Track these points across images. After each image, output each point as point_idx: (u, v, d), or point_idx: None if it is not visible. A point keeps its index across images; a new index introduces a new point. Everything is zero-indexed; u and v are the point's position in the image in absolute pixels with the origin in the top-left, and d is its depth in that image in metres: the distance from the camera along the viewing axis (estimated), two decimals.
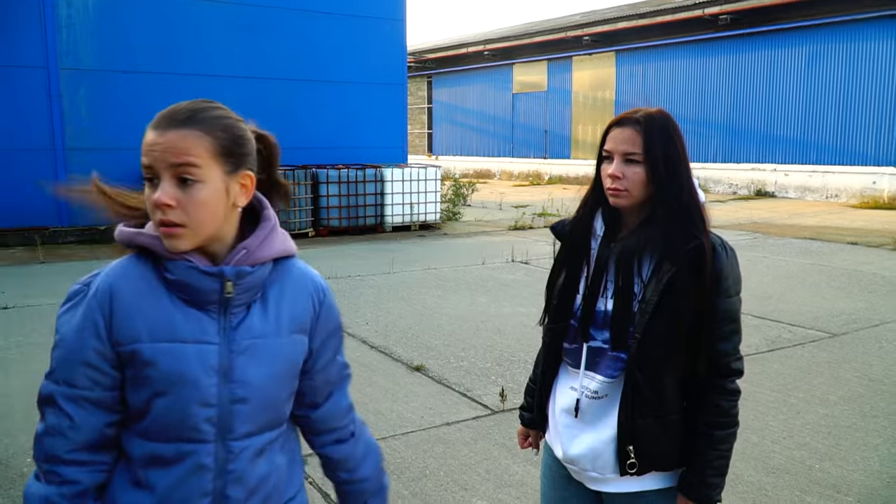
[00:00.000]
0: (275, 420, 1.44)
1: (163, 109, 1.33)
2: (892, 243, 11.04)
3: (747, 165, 20.33)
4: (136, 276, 1.35)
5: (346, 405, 1.60)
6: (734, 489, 3.53)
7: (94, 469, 1.36)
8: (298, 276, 1.47)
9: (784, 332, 6.29)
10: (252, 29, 13.10)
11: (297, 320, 1.44)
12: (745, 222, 14.13)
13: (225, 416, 1.35)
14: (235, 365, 1.35)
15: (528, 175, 27.05)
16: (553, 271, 1.94)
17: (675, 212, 1.72)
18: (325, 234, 12.55)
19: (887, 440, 4.10)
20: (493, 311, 7.03)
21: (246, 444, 1.38)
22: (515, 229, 13.21)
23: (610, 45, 23.74)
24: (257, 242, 1.38)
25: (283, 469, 1.47)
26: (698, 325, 1.70)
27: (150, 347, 1.32)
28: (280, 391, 1.43)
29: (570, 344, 1.84)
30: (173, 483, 1.34)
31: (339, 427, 1.58)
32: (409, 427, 4.27)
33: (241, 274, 1.35)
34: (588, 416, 1.80)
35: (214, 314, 1.35)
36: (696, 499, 1.76)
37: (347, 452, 1.59)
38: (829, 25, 18.13)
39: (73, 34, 11.62)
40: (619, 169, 1.75)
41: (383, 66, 14.54)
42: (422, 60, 31.52)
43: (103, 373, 1.34)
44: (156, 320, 1.33)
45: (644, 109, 1.77)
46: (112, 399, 1.35)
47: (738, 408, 1.78)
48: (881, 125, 17.46)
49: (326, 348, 1.51)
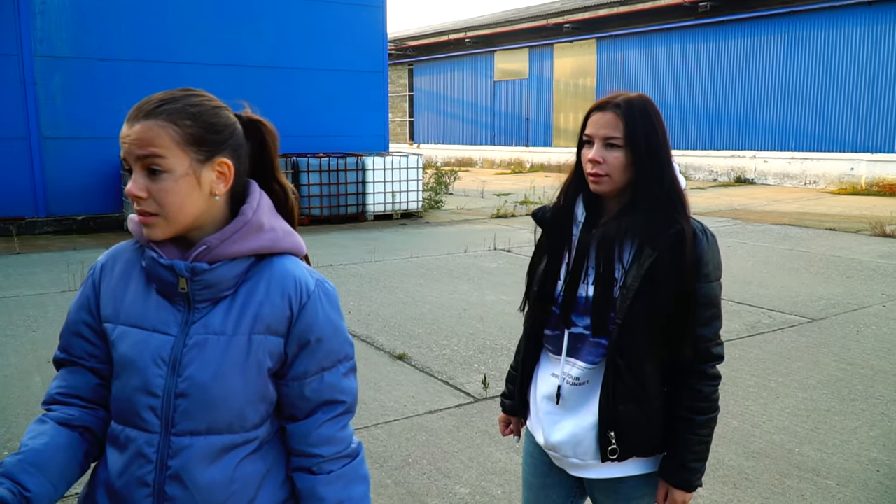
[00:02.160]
0: (228, 424, 1.34)
1: (139, 100, 1.33)
2: (869, 229, 11.16)
3: (727, 152, 20.46)
4: (125, 258, 1.41)
5: (329, 435, 1.41)
6: (715, 473, 3.56)
7: (88, 412, 1.40)
8: (278, 275, 1.38)
9: (764, 318, 6.35)
10: (231, 16, 12.95)
11: (263, 320, 1.35)
12: (726, 209, 14.23)
13: (168, 409, 1.32)
14: (185, 359, 1.32)
15: (509, 163, 27.05)
16: (534, 257, 1.93)
17: (656, 197, 1.72)
18: (307, 222, 12.47)
19: (865, 423, 4.15)
20: (476, 299, 7.03)
21: (188, 442, 1.32)
22: (497, 217, 13.21)
23: (591, 33, 23.75)
24: (221, 239, 1.32)
25: (252, 479, 1.37)
26: (679, 310, 1.70)
27: (116, 329, 1.36)
28: (233, 393, 1.33)
29: (552, 330, 1.83)
30: (121, 468, 1.34)
31: (311, 455, 1.41)
32: (391, 416, 4.27)
33: (195, 270, 1.31)
34: (569, 402, 1.80)
35: (181, 306, 1.35)
36: (676, 483, 1.76)
37: (314, 488, 1.40)
38: (807, 13, 18.25)
39: (47, 21, 11.43)
40: (599, 153, 1.73)
41: (363, 54, 14.45)
42: (402, 48, 31.37)
43: (95, 345, 1.40)
44: (129, 304, 1.37)
45: (625, 94, 1.76)
46: (107, 371, 1.41)
47: (718, 393, 1.79)
48: (859, 112, 17.62)
49: (305, 358, 1.38)
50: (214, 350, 1.33)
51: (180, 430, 1.32)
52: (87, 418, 1.39)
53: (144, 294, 1.36)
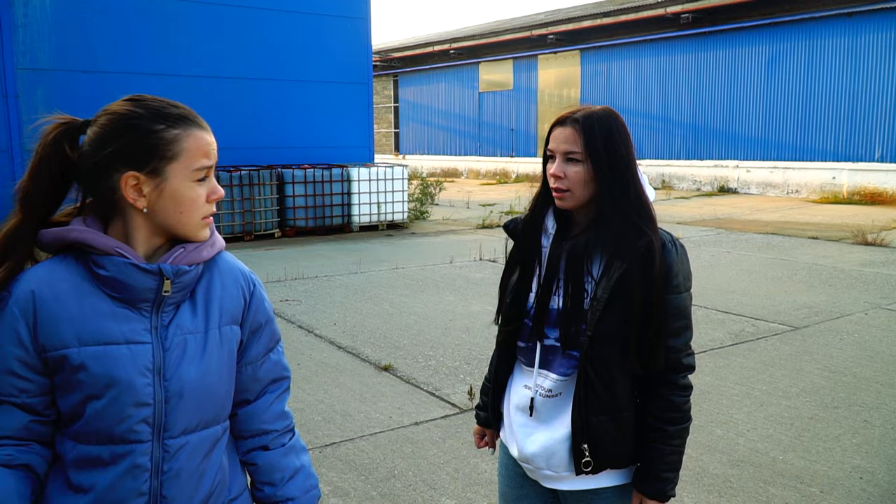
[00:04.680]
0: (215, 416, 1.43)
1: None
2: (851, 237, 11.27)
3: (710, 162, 20.60)
4: (59, 278, 1.33)
5: (280, 411, 1.54)
6: (700, 482, 3.57)
7: (23, 450, 1.33)
8: (226, 269, 1.47)
9: (747, 326, 6.38)
10: (215, 28, 12.93)
11: (228, 312, 1.44)
12: (709, 218, 14.32)
13: (160, 415, 1.34)
14: (169, 362, 1.35)
15: (495, 173, 27.12)
16: (506, 270, 1.94)
17: (622, 210, 1.72)
18: (292, 234, 12.44)
19: (848, 430, 4.18)
20: (461, 309, 7.03)
21: (182, 441, 1.37)
22: (483, 227, 13.23)
23: (575, 44, 23.90)
24: (194, 244, 1.40)
25: (226, 468, 1.47)
26: (649, 321, 1.70)
27: (78, 352, 1.30)
28: (217, 385, 1.41)
29: (525, 342, 1.84)
30: (108, 485, 1.32)
31: (268, 431, 1.52)
32: (377, 427, 4.25)
33: (179, 272, 1.35)
34: (542, 414, 1.80)
35: (146, 312, 1.35)
36: (650, 494, 1.77)
37: (273, 461, 1.52)
38: (788, 24, 18.45)
39: (29, 34, 11.36)
40: (560, 168, 1.74)
41: (348, 65, 14.46)
42: (387, 59, 31.42)
43: (28, 380, 1.32)
44: (83, 323, 1.31)
45: (587, 107, 1.77)
46: (42, 403, 1.34)
47: (690, 403, 1.79)
48: (840, 121, 17.81)
49: (256, 341, 1.50)
50: (195, 348, 1.38)
51: (174, 432, 1.35)
52: (24, 457, 1.32)
53: (97, 307, 1.32)
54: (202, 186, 1.37)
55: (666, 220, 13.48)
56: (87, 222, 1.36)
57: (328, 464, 3.76)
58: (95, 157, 1.33)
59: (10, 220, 1.35)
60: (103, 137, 1.33)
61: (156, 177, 1.33)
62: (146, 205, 1.33)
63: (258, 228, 12.03)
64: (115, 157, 1.32)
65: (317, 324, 6.45)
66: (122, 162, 1.32)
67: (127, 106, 1.35)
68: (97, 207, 1.38)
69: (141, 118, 1.33)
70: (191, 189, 1.35)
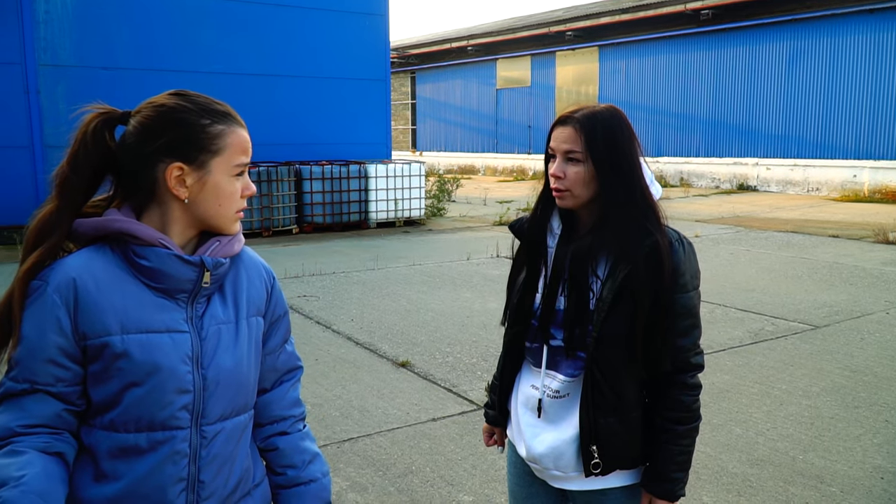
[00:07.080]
0: (245, 404, 1.48)
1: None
2: (872, 236, 11.14)
3: (729, 160, 20.45)
4: (99, 267, 1.35)
5: (295, 398, 1.61)
6: (719, 480, 3.55)
7: (57, 438, 1.33)
8: (250, 263, 1.53)
9: (767, 325, 6.33)
10: (233, 25, 12.99)
11: (254, 304, 1.49)
12: (728, 216, 14.22)
13: (199, 402, 1.38)
14: (206, 351, 1.39)
15: (512, 170, 27.07)
16: (513, 270, 1.93)
17: (626, 209, 1.70)
18: (310, 230, 12.49)
19: (869, 430, 4.14)
20: (479, 306, 7.03)
21: (219, 427, 1.41)
22: (500, 224, 13.21)
23: (593, 41, 23.79)
24: (228, 237, 1.45)
25: (251, 454, 1.52)
26: (656, 321, 1.68)
27: (121, 339, 1.32)
28: (248, 374, 1.47)
29: (531, 343, 1.83)
30: (146, 472, 1.35)
31: (287, 417, 1.58)
32: (394, 423, 4.26)
33: (217, 265, 1.41)
34: (550, 415, 1.79)
35: (183, 303, 1.39)
36: (659, 494, 1.76)
37: (294, 444, 1.58)
38: (808, 20, 18.26)
39: (50, 30, 11.48)
40: (560, 168, 1.73)
41: (366, 62, 14.48)
42: (405, 56, 31.44)
43: (66, 368, 1.33)
44: (125, 311, 1.33)
45: (589, 106, 1.74)
46: (75, 393, 1.35)
47: (699, 402, 1.77)
48: (861, 118, 17.61)
49: (275, 332, 1.56)
50: (229, 338, 1.43)
51: (212, 418, 1.40)
52: (59, 445, 1.33)
53: (137, 296, 1.35)
54: (239, 181, 1.42)
55: (685, 218, 13.40)
56: (122, 212, 1.37)
57: (346, 459, 3.77)
58: (142, 147, 1.35)
59: (46, 205, 1.36)
60: (151, 129, 1.34)
61: (200, 169, 1.37)
62: (188, 196, 1.37)
63: (276, 224, 12.09)
64: (163, 149, 1.34)
65: (334, 319, 6.48)
66: (170, 153, 1.35)
67: (174, 100, 1.37)
68: (133, 197, 1.40)
69: (190, 112, 1.36)
70: (230, 183, 1.40)
